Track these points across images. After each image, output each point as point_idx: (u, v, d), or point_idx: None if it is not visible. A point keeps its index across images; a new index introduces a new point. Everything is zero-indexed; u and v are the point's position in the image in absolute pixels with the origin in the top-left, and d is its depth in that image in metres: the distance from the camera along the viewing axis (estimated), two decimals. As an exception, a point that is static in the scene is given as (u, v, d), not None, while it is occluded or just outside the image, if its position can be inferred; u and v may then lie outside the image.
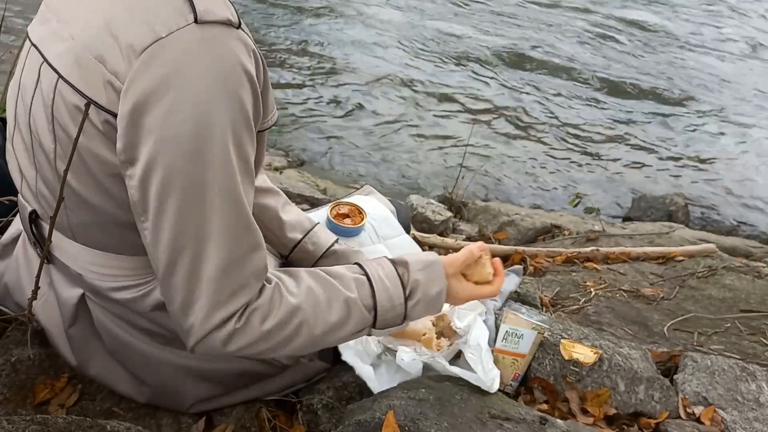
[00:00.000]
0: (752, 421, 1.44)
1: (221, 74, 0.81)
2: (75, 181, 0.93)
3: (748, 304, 2.08)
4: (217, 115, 0.81)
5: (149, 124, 0.81)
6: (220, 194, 0.84)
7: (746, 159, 4.97)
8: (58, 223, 1.01)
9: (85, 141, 0.87)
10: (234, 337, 0.89)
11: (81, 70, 0.85)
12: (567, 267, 2.38)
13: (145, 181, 0.83)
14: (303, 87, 5.06)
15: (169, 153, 0.81)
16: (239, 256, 0.87)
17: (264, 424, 1.24)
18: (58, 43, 0.89)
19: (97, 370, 1.17)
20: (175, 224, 0.84)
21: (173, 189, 0.82)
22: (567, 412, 1.38)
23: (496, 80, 5.66)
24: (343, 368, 1.33)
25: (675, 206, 3.99)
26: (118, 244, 1.01)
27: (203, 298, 0.87)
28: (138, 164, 0.83)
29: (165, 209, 0.84)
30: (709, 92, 6.00)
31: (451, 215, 3.15)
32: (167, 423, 1.20)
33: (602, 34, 7.03)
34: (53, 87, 0.88)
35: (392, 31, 6.36)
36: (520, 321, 1.45)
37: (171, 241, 0.85)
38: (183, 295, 0.87)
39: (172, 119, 0.80)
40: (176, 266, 0.86)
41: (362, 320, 1.01)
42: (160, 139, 0.81)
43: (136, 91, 0.80)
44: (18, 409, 1.15)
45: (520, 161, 4.52)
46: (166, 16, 0.81)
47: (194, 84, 0.80)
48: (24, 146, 1.00)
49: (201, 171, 0.82)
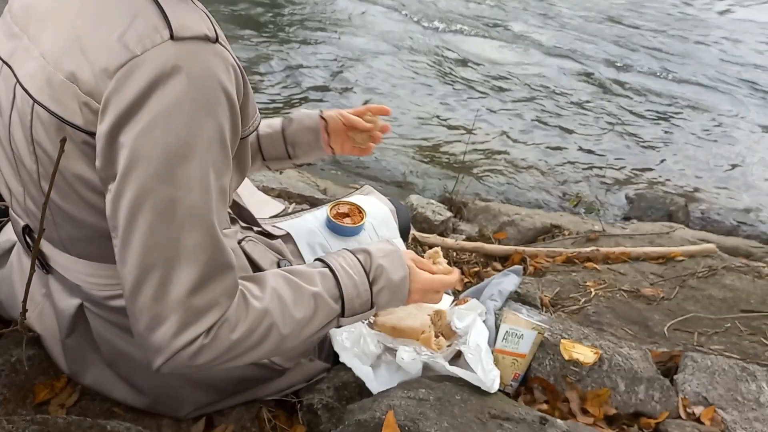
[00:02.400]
0: (752, 421, 1.44)
1: (197, 93, 0.80)
2: (60, 200, 0.92)
3: (749, 304, 2.08)
4: (191, 135, 0.80)
5: (124, 142, 0.79)
6: (192, 214, 0.83)
7: (746, 159, 4.96)
8: (50, 238, 1.00)
9: (66, 162, 0.86)
10: (202, 351, 0.87)
11: (54, 91, 0.83)
12: (567, 267, 2.38)
13: (118, 198, 0.82)
14: (304, 87, 5.06)
15: (141, 171, 0.80)
16: (209, 276, 0.85)
17: (264, 424, 1.24)
18: (29, 61, 0.87)
19: (93, 379, 1.17)
20: (145, 243, 0.82)
21: (144, 207, 0.81)
22: (567, 412, 1.38)
23: (497, 80, 5.66)
24: (343, 368, 1.32)
25: (675, 206, 3.99)
26: (110, 255, 1.00)
27: (171, 319, 0.84)
28: (114, 181, 0.82)
29: (135, 227, 0.82)
30: (710, 92, 6.00)
31: (451, 215, 3.15)
32: (167, 423, 1.20)
33: (602, 32, 7.03)
34: (30, 109, 0.87)
35: (393, 34, 6.36)
36: (520, 321, 1.45)
37: (140, 259, 0.82)
38: (150, 315, 0.84)
39: (146, 138, 0.79)
40: (144, 285, 0.83)
41: (329, 311, 1.00)
42: (133, 157, 0.79)
43: (113, 111, 0.79)
44: (18, 409, 1.15)
45: (521, 161, 4.52)
46: (140, 33, 0.79)
47: (169, 104, 0.78)
48: (9, 164, 0.99)
49: (172, 190, 0.81)
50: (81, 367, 1.16)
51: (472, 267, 2.41)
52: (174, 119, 0.79)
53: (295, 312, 0.96)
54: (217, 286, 0.86)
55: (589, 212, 3.87)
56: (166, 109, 0.78)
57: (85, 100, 0.81)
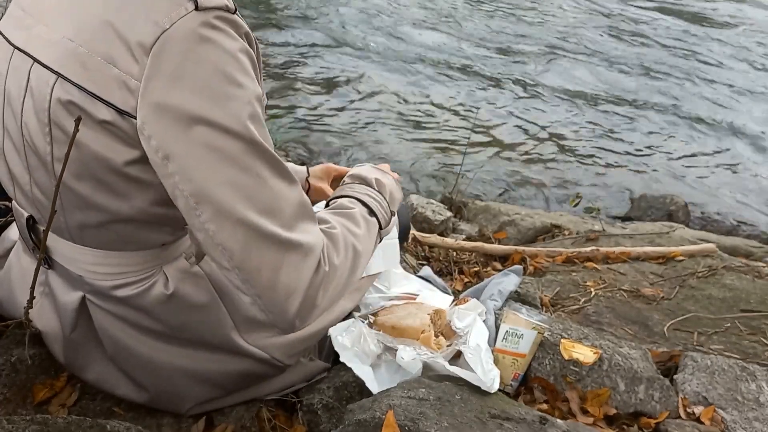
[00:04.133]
0: (752, 421, 1.44)
1: (229, 57, 0.84)
2: (74, 182, 0.92)
3: (748, 303, 2.08)
4: (234, 91, 0.84)
5: (171, 111, 0.82)
6: (262, 158, 0.86)
7: (747, 158, 4.96)
8: (56, 227, 1.00)
9: (86, 141, 0.87)
10: (327, 280, 0.93)
11: (88, 72, 0.85)
12: (567, 267, 2.38)
13: (185, 166, 0.84)
14: (304, 87, 5.06)
15: (200, 132, 0.83)
16: (302, 211, 0.91)
17: (264, 424, 1.24)
18: (52, 47, 0.89)
19: (95, 375, 1.17)
20: (235, 200, 0.84)
21: (219, 165, 0.84)
22: (567, 412, 1.38)
23: (496, 80, 5.66)
24: (343, 368, 1.32)
25: (675, 206, 3.99)
26: (119, 242, 1.01)
27: (290, 259, 0.88)
28: (175, 158, 0.84)
29: (218, 188, 0.84)
30: (710, 92, 6.00)
31: (451, 215, 3.15)
32: (167, 423, 1.20)
33: (602, 32, 7.03)
34: (50, 89, 0.88)
35: (395, 35, 6.36)
36: (520, 321, 1.45)
37: (239, 220, 0.85)
38: (269, 265, 0.87)
39: (194, 104, 0.82)
40: (251, 240, 0.86)
41: (373, 225, 1.13)
42: (186, 122, 0.82)
43: (155, 86, 0.82)
44: (18, 409, 1.15)
45: (521, 161, 4.52)
46: (166, 8, 0.82)
47: (207, 66, 0.82)
48: (16, 152, 0.99)
49: (235, 141, 0.84)
50: (83, 362, 1.16)
51: (472, 267, 2.41)
52: (215, 81, 0.83)
53: (357, 230, 1.06)
54: (309, 219, 0.92)
55: (589, 212, 3.87)
56: (205, 73, 0.82)
57: (124, 78, 0.83)
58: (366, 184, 1.21)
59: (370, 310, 1.45)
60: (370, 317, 1.42)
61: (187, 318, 1.09)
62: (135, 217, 0.95)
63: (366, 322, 1.38)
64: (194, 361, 1.13)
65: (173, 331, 1.10)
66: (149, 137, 0.84)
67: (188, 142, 0.83)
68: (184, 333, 1.11)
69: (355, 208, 1.12)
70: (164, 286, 1.05)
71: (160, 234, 1.02)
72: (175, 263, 1.06)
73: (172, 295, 1.05)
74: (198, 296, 1.08)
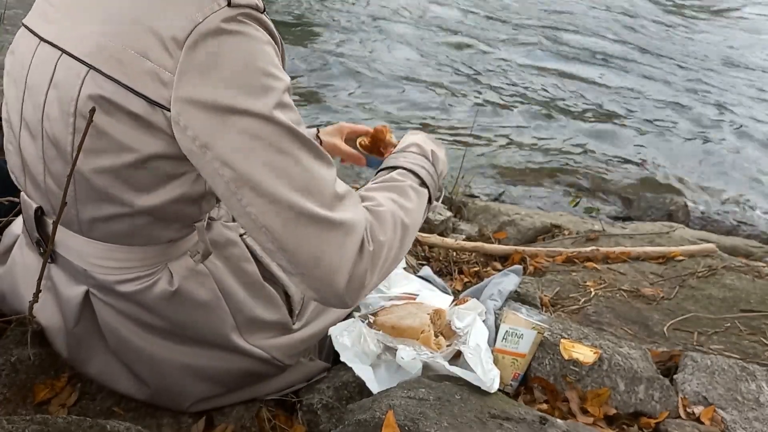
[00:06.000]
0: (752, 420, 1.44)
1: (259, 47, 0.88)
2: (94, 174, 0.94)
3: (748, 303, 2.08)
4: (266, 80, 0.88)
5: (206, 101, 0.85)
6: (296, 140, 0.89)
7: (747, 158, 4.97)
8: (65, 219, 1.01)
9: (114, 132, 0.89)
10: (373, 258, 0.93)
11: (121, 65, 0.87)
12: (567, 267, 2.38)
13: (228, 158, 0.86)
14: (305, 87, 5.06)
15: (236, 120, 0.85)
16: (343, 190, 0.92)
17: (264, 424, 1.24)
18: (83, 40, 0.91)
19: (97, 369, 1.17)
20: (277, 184, 0.87)
21: (260, 153, 0.86)
22: (567, 412, 1.38)
23: (496, 81, 5.66)
24: (343, 368, 1.33)
25: (675, 206, 3.99)
26: (128, 235, 1.02)
27: (334, 237, 0.89)
28: (214, 146, 0.86)
29: (257, 170, 0.86)
30: (711, 92, 6.00)
31: (451, 215, 3.15)
32: (167, 423, 1.20)
33: (604, 31, 7.03)
34: (80, 81, 0.90)
35: (398, 35, 6.36)
36: (520, 321, 1.45)
37: (279, 202, 0.87)
38: (312, 244, 0.88)
39: (229, 94, 0.85)
40: (292, 220, 0.88)
41: (423, 196, 1.12)
42: (222, 110, 0.85)
43: (190, 78, 0.85)
44: (18, 409, 1.15)
45: (521, 161, 4.52)
46: (199, 3, 0.86)
47: (240, 57, 0.86)
48: (33, 143, 1.00)
49: (269, 127, 0.87)
50: (86, 356, 1.16)
51: (472, 267, 2.41)
52: (248, 70, 0.86)
53: (407, 204, 1.06)
54: (349, 198, 0.94)
55: (589, 212, 3.87)
56: (239, 64, 0.86)
57: (157, 71, 0.86)
58: (422, 155, 1.18)
59: (370, 310, 1.46)
60: (370, 317, 1.42)
61: (190, 315, 1.10)
62: (150, 212, 0.97)
63: (366, 322, 1.38)
64: (195, 358, 1.14)
65: (175, 328, 1.10)
66: (185, 127, 0.86)
67: (226, 131, 0.85)
68: (186, 330, 1.11)
69: (405, 180, 1.11)
70: (168, 283, 1.06)
71: (170, 230, 1.04)
72: (180, 260, 1.08)
73: (175, 291, 1.06)
74: (201, 294, 1.09)
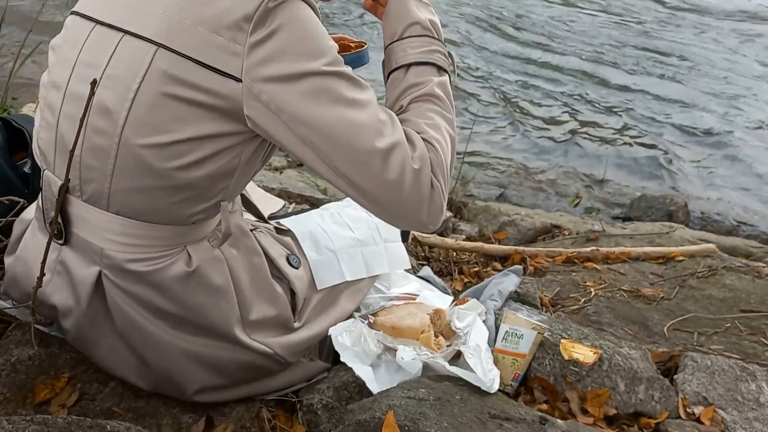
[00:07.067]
0: (752, 421, 1.44)
1: (315, 18, 1.01)
2: (142, 147, 0.98)
3: (748, 304, 2.08)
4: (323, 44, 1.00)
5: (280, 72, 0.96)
6: (350, 83, 1.01)
7: (747, 158, 4.97)
8: (93, 192, 1.05)
9: (176, 108, 0.97)
10: (435, 163, 1.06)
11: (192, 41, 0.96)
12: (567, 267, 2.38)
13: (301, 115, 0.97)
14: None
15: (307, 86, 0.97)
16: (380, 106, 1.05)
17: (264, 424, 1.24)
18: (150, 20, 0.98)
19: (103, 351, 1.18)
20: (346, 129, 0.98)
21: (328, 108, 0.98)
22: (567, 412, 1.38)
23: (497, 80, 5.66)
24: (343, 368, 1.33)
25: (675, 206, 3.99)
26: (156, 211, 1.05)
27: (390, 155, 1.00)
28: (287, 107, 0.97)
29: (330, 125, 0.98)
30: (711, 92, 6.00)
31: (451, 215, 3.15)
32: (167, 423, 1.20)
33: (605, 31, 7.03)
34: (149, 59, 0.97)
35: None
36: (520, 321, 1.45)
37: (349, 146, 0.99)
38: (388, 177, 1.00)
39: (297, 60, 0.96)
40: (364, 159, 0.99)
41: (446, 84, 1.22)
42: (294, 80, 0.96)
43: (261, 49, 0.95)
44: (18, 409, 1.15)
45: (521, 161, 4.52)
46: None
47: (302, 27, 0.98)
48: (73, 117, 1.02)
49: (330, 81, 0.98)
50: (94, 337, 1.17)
51: (472, 267, 2.41)
52: (309, 38, 0.99)
53: (442, 110, 1.18)
54: (392, 122, 1.04)
55: (589, 212, 3.87)
56: (302, 34, 0.98)
57: (228, 45, 0.95)
58: (426, 35, 1.21)
59: (370, 311, 1.46)
60: (370, 317, 1.42)
61: (201, 300, 1.11)
62: (185, 186, 1.03)
63: (366, 322, 1.38)
64: (200, 345, 1.15)
65: (184, 312, 1.11)
66: (259, 93, 0.96)
67: (296, 93, 0.97)
68: (195, 315, 1.13)
69: (427, 84, 1.17)
70: (186, 264, 1.09)
71: (196, 209, 1.07)
72: (199, 244, 1.11)
73: (193, 273, 1.09)
74: (216, 279, 1.11)
